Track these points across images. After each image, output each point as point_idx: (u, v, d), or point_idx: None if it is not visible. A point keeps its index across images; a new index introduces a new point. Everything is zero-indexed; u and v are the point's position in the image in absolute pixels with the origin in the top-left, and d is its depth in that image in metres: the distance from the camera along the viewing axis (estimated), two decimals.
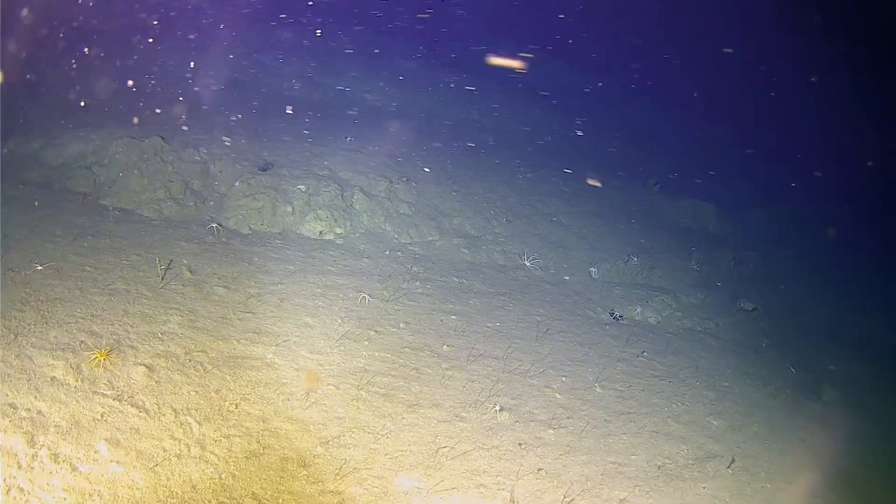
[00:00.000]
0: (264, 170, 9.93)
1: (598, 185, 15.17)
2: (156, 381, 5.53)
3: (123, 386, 5.34)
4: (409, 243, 9.82)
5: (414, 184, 11.05)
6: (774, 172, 23.83)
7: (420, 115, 15.92)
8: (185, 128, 11.10)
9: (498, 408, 6.62)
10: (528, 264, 10.74)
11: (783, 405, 8.46)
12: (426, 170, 11.95)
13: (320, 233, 9.38)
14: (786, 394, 8.86)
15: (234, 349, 6.24)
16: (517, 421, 6.59)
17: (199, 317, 6.69)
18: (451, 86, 18.65)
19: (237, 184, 9.41)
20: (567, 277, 10.99)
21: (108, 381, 5.36)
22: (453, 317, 8.11)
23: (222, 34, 19.13)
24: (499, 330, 8.27)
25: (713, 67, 32.09)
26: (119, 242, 8.02)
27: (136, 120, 11.70)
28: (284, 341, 6.54)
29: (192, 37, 18.09)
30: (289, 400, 5.74)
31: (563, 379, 7.80)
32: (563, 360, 8.22)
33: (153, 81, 14.84)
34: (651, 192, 16.88)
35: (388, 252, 9.35)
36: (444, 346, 7.38)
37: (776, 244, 15.65)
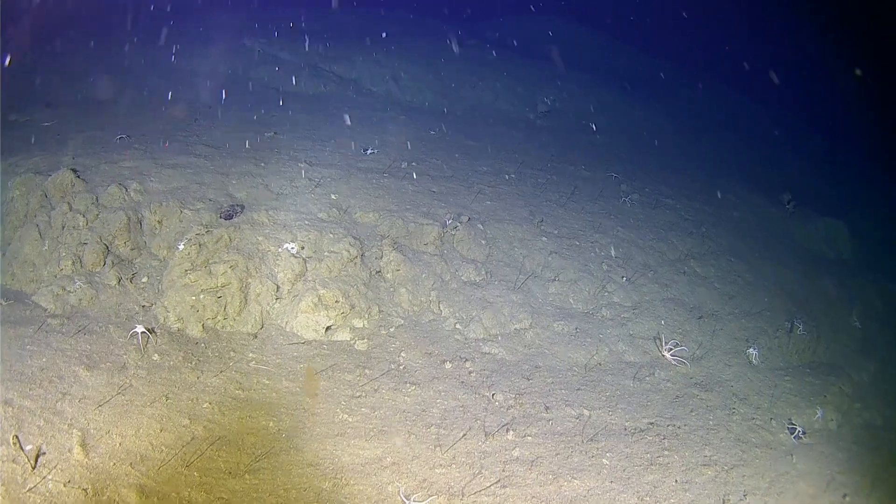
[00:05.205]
0: (230, 216, 6.52)
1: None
2: None
3: None
4: (483, 339, 6.32)
5: (480, 226, 7.55)
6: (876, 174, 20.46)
7: (465, 111, 12.49)
8: (114, 153, 7.78)
9: None
10: (668, 356, 7.23)
11: None
12: (492, 200, 8.44)
13: (327, 329, 5.95)
14: None
15: None
16: None
17: None
18: (502, 72, 15.15)
19: (182, 245, 6.01)
20: (722, 372, 7.76)
21: None
22: None
23: (199, 14, 16.00)
24: None
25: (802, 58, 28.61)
26: None
27: (56, 139, 8.62)
28: None
29: (152, 20, 14.99)
30: None
31: None
32: None
33: (94, 78, 11.77)
34: (783, 210, 14.02)
35: (448, 364, 5.85)
36: None
37: None
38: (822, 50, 28.70)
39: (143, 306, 6.08)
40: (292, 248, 6.21)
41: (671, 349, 7.38)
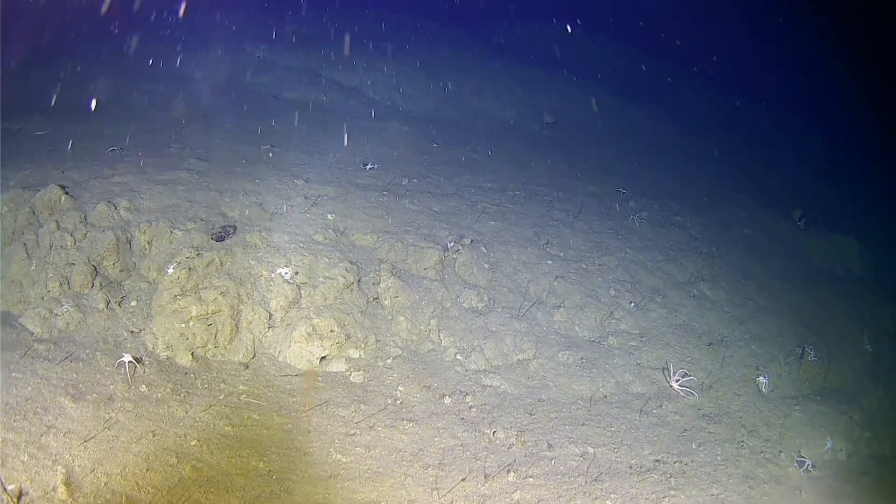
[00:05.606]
0: (222, 238, 6.46)
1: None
2: None
3: None
4: (484, 370, 6.24)
5: (483, 249, 7.47)
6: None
7: (469, 121, 12.41)
8: (104, 166, 7.73)
9: None
10: (675, 387, 7.17)
11: None
12: (496, 220, 8.36)
13: (321, 359, 5.87)
14: None
15: None
16: None
17: None
18: (507, 79, 15.07)
19: (171, 269, 5.95)
20: (731, 402, 7.75)
21: None
22: None
23: (200, 18, 15.94)
24: None
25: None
26: None
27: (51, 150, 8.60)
28: None
29: (152, 22, 14.95)
30: None
31: None
32: None
33: (90, 83, 11.75)
34: (793, 226, 14.03)
35: (447, 399, 5.77)
36: None
37: None
38: (822, 50, 28.70)
39: (132, 332, 6.03)
40: (286, 273, 6.15)
41: (679, 379, 7.30)
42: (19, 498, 4.17)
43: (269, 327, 5.93)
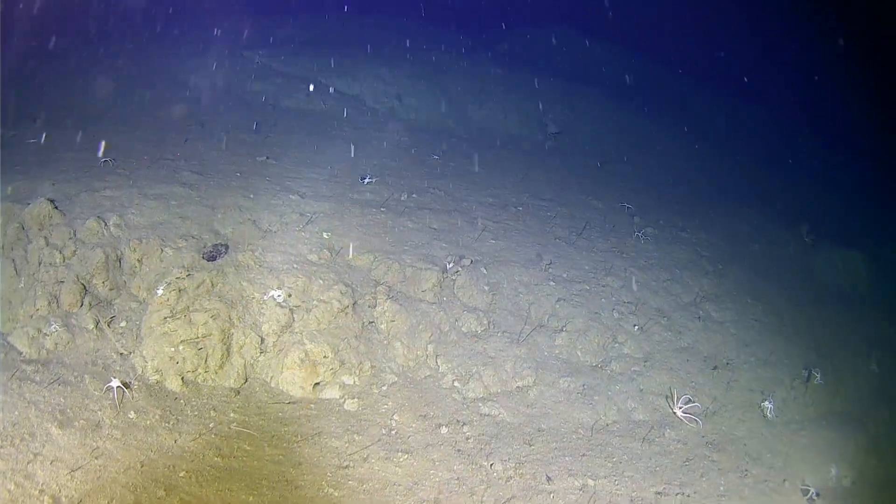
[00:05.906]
0: (213, 258, 6.42)
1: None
2: None
3: None
4: (482, 398, 6.21)
5: (483, 270, 7.43)
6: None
7: (472, 132, 12.40)
8: (95, 179, 7.70)
9: None
10: (679, 414, 7.13)
11: None
12: (497, 238, 8.32)
13: (315, 385, 5.83)
14: None
15: None
16: None
17: None
18: (511, 88, 15.07)
19: (161, 290, 5.92)
20: (735, 429, 7.71)
21: None
22: None
23: (199, 22, 15.94)
24: None
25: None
26: None
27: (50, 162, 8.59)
28: None
29: (150, 26, 14.95)
30: None
31: None
32: None
33: (85, 89, 11.75)
34: (801, 242, 13.96)
35: (444, 429, 5.73)
36: None
37: None
38: (822, 50, 28.68)
39: (121, 353, 6.00)
40: (278, 295, 6.11)
41: (683, 406, 7.26)
42: None
43: (261, 352, 5.90)
